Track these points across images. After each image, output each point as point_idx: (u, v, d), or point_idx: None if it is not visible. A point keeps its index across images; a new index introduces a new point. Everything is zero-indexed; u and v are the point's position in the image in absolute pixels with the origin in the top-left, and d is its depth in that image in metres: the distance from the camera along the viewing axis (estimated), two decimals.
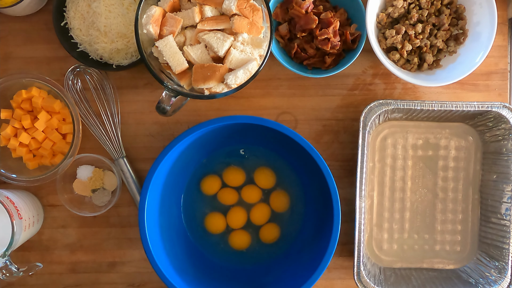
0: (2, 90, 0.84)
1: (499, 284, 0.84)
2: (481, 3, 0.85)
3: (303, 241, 0.88)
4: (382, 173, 0.91)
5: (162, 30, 0.77)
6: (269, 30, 0.78)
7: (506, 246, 0.84)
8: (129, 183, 0.89)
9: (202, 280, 0.84)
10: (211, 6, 0.78)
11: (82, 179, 0.90)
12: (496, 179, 0.88)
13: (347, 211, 0.86)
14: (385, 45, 0.87)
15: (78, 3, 0.85)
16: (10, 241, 0.77)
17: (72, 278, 0.91)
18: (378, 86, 0.92)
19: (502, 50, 0.92)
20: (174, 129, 0.91)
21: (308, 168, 0.82)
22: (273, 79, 0.91)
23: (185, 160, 0.86)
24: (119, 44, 0.84)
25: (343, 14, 0.87)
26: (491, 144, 0.89)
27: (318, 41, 0.84)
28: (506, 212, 0.85)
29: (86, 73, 0.88)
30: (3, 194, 0.81)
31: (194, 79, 0.77)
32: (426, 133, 0.91)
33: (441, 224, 0.91)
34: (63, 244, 0.91)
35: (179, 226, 0.89)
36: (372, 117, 0.83)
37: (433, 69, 0.88)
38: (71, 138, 0.85)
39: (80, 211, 0.88)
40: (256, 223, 0.90)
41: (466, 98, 0.92)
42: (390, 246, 0.91)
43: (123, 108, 0.90)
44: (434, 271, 0.90)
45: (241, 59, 0.77)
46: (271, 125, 0.78)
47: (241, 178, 0.90)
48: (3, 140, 0.85)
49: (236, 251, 0.90)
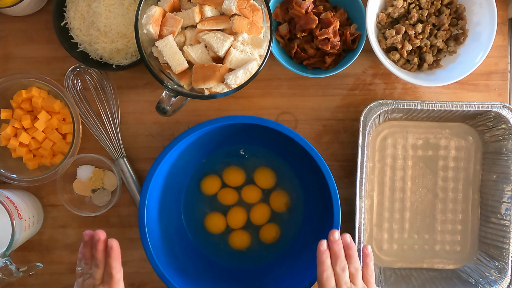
0: (2, 90, 0.84)
1: (499, 284, 0.84)
2: (481, 3, 0.85)
3: (303, 241, 0.88)
4: (382, 173, 0.91)
5: (162, 30, 0.77)
6: (269, 30, 0.78)
7: (506, 246, 0.84)
8: (129, 183, 0.89)
9: (202, 280, 0.84)
10: (211, 6, 0.78)
11: (82, 179, 0.90)
12: (496, 179, 0.88)
13: (347, 211, 0.85)
14: (385, 45, 0.87)
15: (78, 3, 0.85)
16: (10, 241, 0.77)
17: (72, 278, 0.91)
18: (378, 86, 0.92)
19: (502, 50, 0.92)
20: (174, 129, 0.91)
21: (308, 168, 0.82)
22: (273, 79, 0.91)
23: (185, 160, 0.86)
24: (119, 44, 0.84)
25: (343, 14, 0.87)
26: (491, 144, 0.89)
27: (318, 41, 0.84)
28: (506, 212, 0.85)
29: (86, 73, 0.88)
30: (3, 194, 0.81)
31: (194, 79, 0.77)
32: (426, 133, 0.91)
33: (441, 224, 0.91)
34: (63, 244, 0.91)
35: (179, 226, 0.89)
36: (372, 117, 0.83)
37: (433, 69, 0.88)
38: (71, 138, 0.85)
39: (80, 211, 0.88)
40: (256, 223, 0.90)
41: (466, 98, 0.92)
42: (390, 246, 0.91)
43: (123, 108, 0.90)
44: (434, 271, 0.90)
45: (241, 59, 0.77)
46: (271, 125, 0.78)
47: (241, 178, 0.90)
48: (3, 140, 0.85)
49: (236, 251, 0.90)
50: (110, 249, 0.71)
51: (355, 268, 0.72)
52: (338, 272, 0.72)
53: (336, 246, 0.73)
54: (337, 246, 0.73)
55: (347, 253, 0.73)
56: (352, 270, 0.72)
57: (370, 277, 0.73)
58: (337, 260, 0.72)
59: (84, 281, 0.72)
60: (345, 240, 0.74)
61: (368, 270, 0.74)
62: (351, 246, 0.74)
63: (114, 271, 0.70)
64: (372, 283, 0.73)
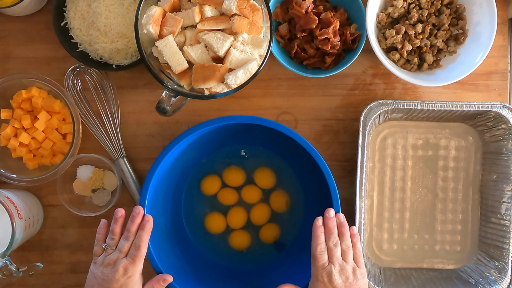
0: (2, 90, 0.84)
1: (499, 284, 0.84)
2: (481, 3, 0.85)
3: (303, 241, 0.88)
4: (382, 173, 0.91)
5: (162, 30, 0.77)
6: (269, 30, 0.78)
7: (506, 246, 0.84)
8: (129, 183, 0.89)
9: (202, 280, 0.84)
10: (211, 6, 0.78)
11: (82, 179, 0.90)
12: (496, 179, 0.88)
13: (347, 211, 0.85)
14: (385, 45, 0.87)
15: (78, 3, 0.85)
16: (10, 241, 0.77)
17: (72, 278, 0.91)
18: (378, 86, 0.92)
19: (502, 50, 0.92)
20: (174, 129, 0.91)
21: (308, 168, 0.82)
22: (273, 79, 0.91)
23: (185, 160, 0.86)
24: (119, 44, 0.84)
25: (343, 14, 0.87)
26: (491, 144, 0.89)
27: (318, 41, 0.84)
28: (506, 212, 0.85)
29: (86, 73, 0.88)
30: (3, 194, 0.81)
31: (194, 79, 0.77)
32: (426, 133, 0.91)
33: (441, 224, 0.91)
34: (63, 244, 0.91)
35: (179, 226, 0.89)
36: (372, 117, 0.83)
37: (433, 69, 0.88)
38: (71, 138, 0.85)
39: (80, 211, 0.88)
40: (256, 223, 0.90)
41: (466, 98, 0.92)
42: (390, 246, 0.91)
43: (123, 108, 0.90)
44: (434, 271, 0.90)
45: (241, 59, 0.77)
46: (271, 125, 0.78)
47: (241, 178, 0.90)
48: (3, 140, 0.85)
49: (236, 251, 0.90)
50: (146, 222, 0.76)
51: (346, 246, 0.76)
52: (330, 247, 0.75)
53: (331, 223, 0.77)
54: (332, 223, 0.77)
55: (339, 231, 0.77)
56: (343, 247, 0.76)
57: (359, 257, 0.77)
58: (331, 236, 0.76)
59: (106, 256, 0.75)
60: (339, 219, 0.78)
61: (356, 250, 0.77)
62: (343, 224, 0.78)
63: (143, 244, 0.74)
64: (361, 263, 0.77)
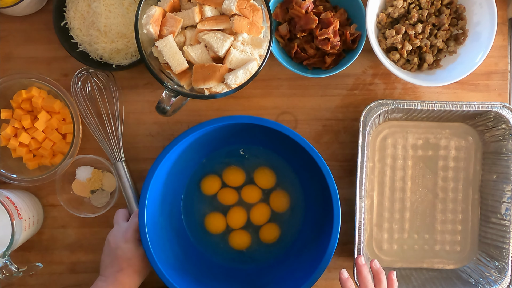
0: (2, 90, 0.84)
1: (499, 284, 0.84)
2: (481, 3, 0.85)
3: (303, 241, 0.88)
4: (382, 173, 0.91)
5: (162, 30, 0.77)
6: (269, 30, 0.78)
7: (506, 246, 0.84)
8: (125, 188, 0.88)
9: (202, 280, 0.84)
10: (211, 6, 0.78)
11: (81, 180, 0.90)
12: (496, 179, 0.88)
13: (347, 211, 0.85)
14: (385, 45, 0.87)
15: (78, 3, 0.85)
16: (10, 241, 0.77)
17: (72, 278, 0.91)
18: (378, 86, 0.92)
19: (502, 50, 0.92)
20: (174, 129, 0.91)
21: (308, 168, 0.82)
22: (273, 79, 0.91)
23: (185, 160, 0.86)
24: (119, 44, 0.84)
25: (343, 14, 0.87)
26: (491, 144, 0.89)
27: (318, 41, 0.84)
28: (506, 212, 0.85)
29: (95, 76, 0.88)
30: (3, 194, 0.81)
31: (194, 79, 0.77)
32: (426, 133, 0.91)
33: (441, 224, 0.91)
34: (63, 244, 0.91)
35: (179, 226, 0.89)
36: (372, 117, 0.83)
37: (433, 69, 0.88)
38: (71, 138, 0.85)
39: (79, 212, 0.88)
40: (256, 223, 0.90)
41: (466, 98, 0.92)
42: (390, 246, 0.91)
43: (123, 108, 0.90)
44: (434, 271, 0.90)
45: (241, 59, 0.77)
46: (271, 125, 0.78)
47: (241, 178, 0.90)
48: (3, 140, 0.85)
49: (236, 251, 0.90)
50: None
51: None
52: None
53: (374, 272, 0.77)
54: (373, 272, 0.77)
55: (377, 278, 0.76)
56: None
57: None
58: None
59: None
60: (375, 266, 0.77)
61: None
62: (381, 271, 0.76)
63: None
64: None
